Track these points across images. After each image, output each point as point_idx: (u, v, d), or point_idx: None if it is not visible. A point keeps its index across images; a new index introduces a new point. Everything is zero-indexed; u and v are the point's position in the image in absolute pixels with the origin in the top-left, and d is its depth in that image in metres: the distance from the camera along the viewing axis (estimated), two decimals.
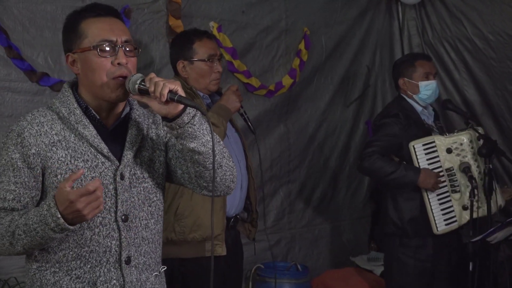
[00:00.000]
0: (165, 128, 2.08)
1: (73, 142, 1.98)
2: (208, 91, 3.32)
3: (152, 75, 1.93)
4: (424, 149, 3.72)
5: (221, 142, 2.07)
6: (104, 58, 1.98)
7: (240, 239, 3.53)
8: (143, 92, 1.93)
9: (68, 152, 1.97)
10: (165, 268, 2.23)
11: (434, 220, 3.69)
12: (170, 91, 1.88)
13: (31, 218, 1.88)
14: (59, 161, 1.96)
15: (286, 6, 4.58)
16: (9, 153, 1.97)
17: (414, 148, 3.70)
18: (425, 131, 3.80)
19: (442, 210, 3.71)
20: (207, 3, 4.11)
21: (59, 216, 1.83)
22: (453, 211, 3.72)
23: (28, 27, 3.39)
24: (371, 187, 5.28)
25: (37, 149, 1.96)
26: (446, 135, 3.77)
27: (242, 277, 3.80)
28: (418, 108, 3.88)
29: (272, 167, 4.56)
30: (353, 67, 5.09)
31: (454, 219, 3.72)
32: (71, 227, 1.86)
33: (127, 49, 2.02)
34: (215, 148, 1.97)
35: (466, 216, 3.68)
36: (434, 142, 3.72)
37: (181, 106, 1.92)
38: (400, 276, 3.82)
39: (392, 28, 5.37)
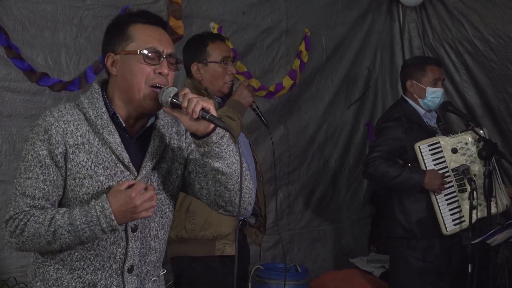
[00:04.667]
0: (187, 141, 2.11)
1: (96, 146, 1.96)
2: (221, 93, 3.32)
3: (186, 90, 1.92)
4: (430, 150, 3.70)
5: (245, 165, 2.05)
6: (147, 65, 1.98)
7: (247, 242, 3.53)
8: (175, 106, 1.93)
9: (90, 156, 1.95)
10: (165, 271, 2.22)
11: (443, 221, 3.67)
12: (203, 109, 1.88)
13: (78, 218, 1.90)
14: (79, 165, 1.95)
15: (287, 7, 4.59)
16: (36, 149, 1.94)
17: (420, 149, 3.68)
18: (428, 133, 3.79)
19: (450, 210, 3.69)
20: (207, 4, 4.12)
21: (113, 218, 1.89)
22: (460, 211, 3.71)
23: (28, 27, 3.39)
24: (370, 190, 5.27)
25: (63, 149, 1.94)
26: (450, 135, 3.77)
27: (248, 279, 3.80)
28: (421, 111, 3.87)
29: (271, 168, 4.56)
30: (354, 69, 5.10)
31: (462, 219, 3.70)
32: (120, 227, 1.95)
33: (170, 62, 2.02)
34: (239, 171, 1.97)
35: (474, 216, 3.66)
36: (439, 142, 3.71)
37: (212, 125, 1.91)
38: (406, 278, 3.80)
39: (392, 30, 5.38)
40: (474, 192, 3.56)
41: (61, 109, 1.99)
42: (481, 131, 3.77)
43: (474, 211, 3.56)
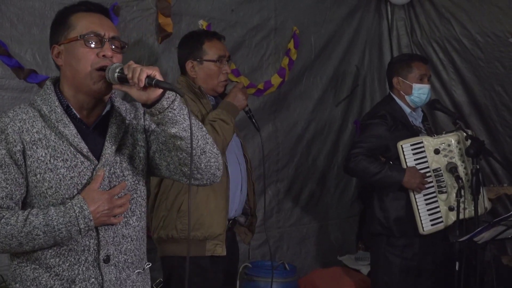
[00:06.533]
0: (147, 119, 2.11)
1: (53, 140, 1.98)
2: (215, 92, 3.31)
3: (130, 62, 1.93)
4: (412, 149, 3.73)
5: (203, 128, 2.04)
6: (89, 49, 2.00)
7: (236, 241, 3.53)
8: (122, 80, 1.93)
9: (48, 151, 1.97)
10: (150, 265, 2.22)
11: (421, 220, 3.70)
12: (148, 76, 1.88)
13: (54, 218, 1.91)
14: (38, 160, 1.96)
15: (275, 5, 4.58)
16: None
17: (402, 148, 3.71)
18: (413, 133, 3.81)
19: (428, 210, 3.73)
20: (196, 1, 4.10)
21: (92, 218, 1.93)
22: (439, 211, 3.74)
23: (16, 24, 3.36)
24: (359, 187, 5.28)
25: (21, 146, 1.95)
26: (434, 136, 3.79)
27: (236, 278, 3.80)
28: (407, 110, 3.89)
29: (260, 166, 4.56)
30: (342, 67, 5.10)
31: (440, 220, 3.73)
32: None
33: (114, 45, 2.04)
34: (197, 134, 1.98)
35: (452, 217, 3.70)
36: (422, 142, 3.74)
37: (160, 91, 1.91)
38: (386, 275, 3.83)
39: (381, 28, 5.39)
40: (462, 190, 3.59)
41: (16, 109, 2.01)
42: (468, 131, 3.79)
43: (461, 209, 3.59)
